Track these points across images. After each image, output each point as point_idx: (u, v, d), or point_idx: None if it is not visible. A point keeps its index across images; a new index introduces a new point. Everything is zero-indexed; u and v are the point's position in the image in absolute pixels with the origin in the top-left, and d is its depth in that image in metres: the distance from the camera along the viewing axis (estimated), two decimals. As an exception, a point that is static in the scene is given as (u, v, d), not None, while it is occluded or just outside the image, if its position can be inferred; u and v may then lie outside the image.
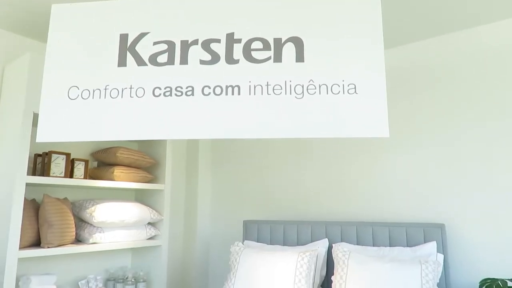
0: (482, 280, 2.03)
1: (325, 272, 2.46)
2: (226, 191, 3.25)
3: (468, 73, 2.40)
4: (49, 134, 1.52)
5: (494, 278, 2.02)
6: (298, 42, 1.53)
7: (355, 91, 1.47)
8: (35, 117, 2.08)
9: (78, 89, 1.54)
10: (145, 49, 1.55)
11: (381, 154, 2.62)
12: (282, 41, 1.53)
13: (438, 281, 2.04)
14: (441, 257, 2.16)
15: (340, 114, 1.46)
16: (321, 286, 2.48)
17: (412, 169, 2.50)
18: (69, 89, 1.54)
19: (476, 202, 2.28)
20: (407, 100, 2.58)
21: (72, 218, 2.32)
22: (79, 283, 2.45)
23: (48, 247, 2.15)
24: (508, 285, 1.99)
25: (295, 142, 2.97)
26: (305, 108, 1.47)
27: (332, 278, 2.20)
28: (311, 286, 2.26)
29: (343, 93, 1.47)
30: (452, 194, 2.35)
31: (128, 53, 1.55)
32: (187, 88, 1.50)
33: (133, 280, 2.58)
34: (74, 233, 2.31)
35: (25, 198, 2.08)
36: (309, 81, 1.49)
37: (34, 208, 2.24)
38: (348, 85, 1.48)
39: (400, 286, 1.96)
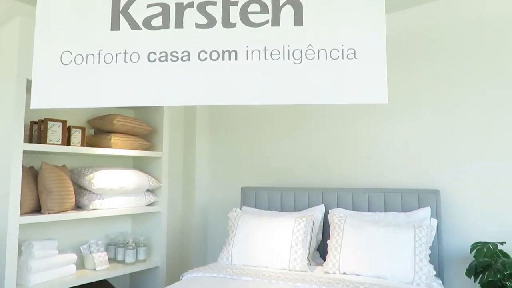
0: (473, 244, 2.09)
1: (321, 236, 2.52)
2: (224, 158, 3.27)
3: (468, 40, 2.35)
4: (43, 101, 1.50)
5: (485, 242, 2.08)
6: (297, 5, 1.48)
7: (355, 56, 1.45)
8: (29, 83, 2.04)
9: (71, 54, 1.50)
10: (138, 12, 1.50)
11: (379, 121, 2.61)
12: (281, 4, 1.48)
13: (430, 245, 2.10)
14: (434, 221, 2.21)
15: (339, 80, 1.44)
16: (317, 250, 2.54)
17: (410, 136, 2.50)
18: (62, 54, 1.50)
19: (472, 170, 2.30)
20: (406, 67, 2.54)
21: (71, 185, 2.34)
22: (81, 247, 2.50)
23: (49, 213, 2.18)
24: (499, 248, 2.05)
25: (293, 109, 2.95)
26: (303, 73, 1.45)
27: (328, 242, 2.25)
28: (307, 250, 2.33)
29: (342, 58, 1.45)
30: (448, 161, 2.37)
31: (121, 16, 1.50)
32: (183, 53, 1.47)
33: (133, 244, 2.64)
34: (74, 200, 2.34)
35: (23, 165, 2.08)
36: (307, 46, 1.46)
37: (32, 175, 2.25)
38: (347, 50, 1.45)
39: (394, 249, 2.02)
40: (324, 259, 2.50)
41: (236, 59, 1.46)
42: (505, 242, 2.06)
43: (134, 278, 2.90)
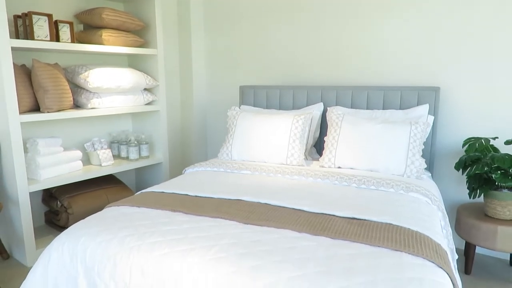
0: (466, 139, 2.15)
1: (318, 134, 2.58)
2: (221, 55, 3.16)
3: None
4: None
5: (478, 137, 2.13)
6: None
7: None
8: (4, -29, 1.86)
9: None
10: None
11: (379, 16, 2.46)
12: None
13: (424, 140, 2.16)
14: (431, 118, 2.24)
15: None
16: (314, 146, 2.63)
17: (412, 32, 2.38)
18: None
19: (472, 67, 2.24)
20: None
21: (67, 83, 2.30)
22: (85, 145, 2.57)
23: (48, 112, 2.18)
24: (490, 143, 2.11)
25: (292, 2, 2.75)
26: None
27: (325, 138, 2.31)
28: (305, 146, 2.40)
29: None
30: (450, 58, 2.30)
31: None
32: None
33: (136, 142, 2.71)
34: (72, 99, 2.32)
35: (14, 63, 2.02)
36: None
37: (25, 73, 2.19)
38: None
39: (389, 144, 2.08)
40: (321, 155, 2.60)
41: None
42: (497, 137, 2.11)
43: (139, 173, 3.06)
